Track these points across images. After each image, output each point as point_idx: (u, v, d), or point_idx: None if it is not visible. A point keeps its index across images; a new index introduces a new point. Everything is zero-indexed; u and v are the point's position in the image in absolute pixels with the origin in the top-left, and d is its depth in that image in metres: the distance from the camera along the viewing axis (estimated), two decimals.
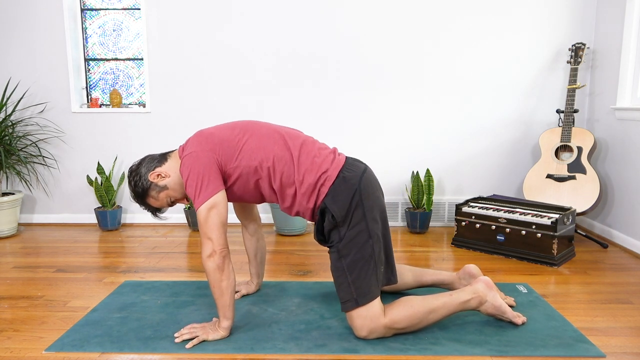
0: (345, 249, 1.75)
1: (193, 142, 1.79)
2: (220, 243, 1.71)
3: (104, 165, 3.55)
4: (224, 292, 1.74)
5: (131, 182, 1.86)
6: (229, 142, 1.78)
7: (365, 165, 1.86)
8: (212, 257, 1.70)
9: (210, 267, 1.71)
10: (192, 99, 3.46)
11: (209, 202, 1.70)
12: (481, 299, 1.83)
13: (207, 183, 1.71)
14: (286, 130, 1.87)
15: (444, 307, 1.78)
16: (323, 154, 1.82)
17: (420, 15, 3.32)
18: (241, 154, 1.77)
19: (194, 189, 1.71)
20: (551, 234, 2.60)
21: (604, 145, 3.20)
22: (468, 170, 3.49)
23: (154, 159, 1.87)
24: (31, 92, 3.47)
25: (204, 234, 1.71)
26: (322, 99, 3.43)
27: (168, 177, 1.84)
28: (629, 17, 2.95)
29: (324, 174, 1.77)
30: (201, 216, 1.70)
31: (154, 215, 1.96)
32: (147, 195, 1.86)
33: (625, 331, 1.86)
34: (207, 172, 1.72)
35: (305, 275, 2.49)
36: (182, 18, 3.37)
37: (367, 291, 1.73)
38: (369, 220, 1.76)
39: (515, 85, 3.39)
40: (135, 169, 1.86)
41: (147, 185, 1.84)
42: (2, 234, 3.23)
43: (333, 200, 1.75)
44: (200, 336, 1.76)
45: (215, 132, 1.81)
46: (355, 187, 1.76)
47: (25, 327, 1.92)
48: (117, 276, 2.49)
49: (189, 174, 1.72)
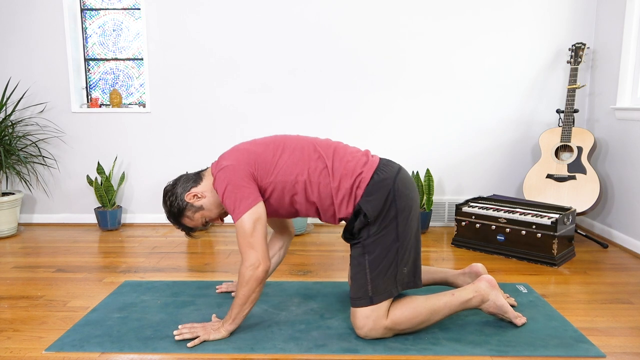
0: (371, 246, 1.74)
1: (228, 156, 1.78)
2: (266, 255, 1.69)
3: (104, 165, 3.55)
4: (248, 304, 1.74)
5: (167, 202, 1.85)
6: (264, 158, 1.78)
7: (399, 166, 1.86)
8: (257, 268, 1.68)
9: (250, 276, 1.68)
10: (192, 99, 3.46)
11: (253, 213, 1.69)
12: (483, 297, 1.83)
13: (248, 193, 1.70)
14: (317, 141, 1.86)
15: (445, 307, 1.78)
16: (356, 157, 1.82)
17: (419, 15, 3.32)
18: (276, 169, 1.77)
19: (233, 200, 1.69)
20: (551, 234, 2.60)
21: (604, 145, 3.20)
22: (468, 170, 3.50)
23: (189, 179, 1.86)
24: (31, 92, 3.47)
25: (248, 244, 1.68)
26: (323, 99, 3.43)
27: (204, 197, 1.84)
28: (629, 17, 2.95)
29: (358, 177, 1.77)
30: (246, 226, 1.68)
31: (188, 234, 1.94)
32: (182, 216, 1.86)
33: (625, 331, 1.86)
34: (246, 184, 1.72)
35: (305, 275, 2.49)
36: (182, 18, 3.37)
37: (382, 291, 1.73)
38: (400, 221, 1.75)
39: (515, 85, 3.39)
40: (171, 189, 1.85)
41: (184, 205, 1.83)
42: (2, 234, 3.23)
43: (367, 200, 1.75)
44: (202, 336, 1.76)
45: (250, 148, 1.80)
46: (390, 187, 1.76)
47: (25, 327, 1.92)
48: (117, 276, 2.49)
49: (226, 186, 1.71)
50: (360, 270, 1.76)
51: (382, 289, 1.73)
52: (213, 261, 2.73)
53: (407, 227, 1.77)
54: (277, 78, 3.41)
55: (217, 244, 3.08)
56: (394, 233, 1.75)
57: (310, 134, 3.46)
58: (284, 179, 1.77)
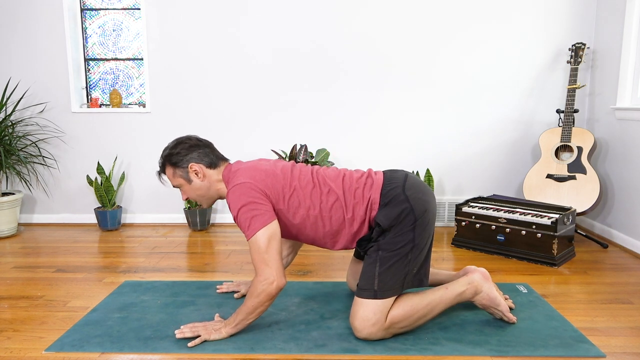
0: (386, 244, 1.76)
1: (246, 173, 1.78)
2: (282, 274, 1.70)
3: (103, 165, 3.55)
4: (254, 314, 1.74)
5: (173, 150, 1.86)
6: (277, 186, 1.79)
7: (405, 173, 1.87)
8: (272, 284, 1.68)
9: (262, 291, 1.68)
10: (193, 99, 3.46)
11: (268, 231, 1.69)
12: (476, 288, 1.84)
13: (263, 211, 1.71)
14: (326, 173, 1.87)
15: (441, 300, 1.80)
16: (361, 183, 1.83)
17: (419, 16, 3.32)
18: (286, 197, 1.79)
19: (248, 217, 1.69)
20: (551, 234, 2.60)
21: (604, 145, 3.20)
22: (468, 170, 3.50)
23: (208, 157, 1.88)
24: (31, 92, 3.47)
25: (263, 260, 1.68)
26: (323, 100, 3.43)
27: (200, 180, 1.86)
28: (629, 17, 2.95)
29: (369, 201, 1.79)
30: (261, 243, 1.68)
31: (159, 176, 1.98)
32: (172, 167, 1.88)
33: (625, 331, 1.86)
34: (261, 202, 1.73)
35: (305, 275, 2.49)
36: (182, 18, 3.37)
37: (389, 287, 1.73)
38: (418, 225, 1.76)
39: (515, 85, 3.39)
40: (188, 148, 1.86)
41: (182, 166, 1.86)
42: (2, 234, 3.23)
43: (382, 215, 1.77)
44: (203, 336, 1.76)
45: (268, 170, 1.81)
46: (402, 197, 1.77)
47: (25, 327, 1.92)
48: (117, 276, 2.49)
49: (242, 205, 1.71)
50: (371, 263, 1.77)
51: (389, 286, 1.73)
52: (213, 261, 2.73)
53: (424, 230, 1.78)
54: (278, 77, 3.41)
55: (217, 244, 3.08)
56: (410, 236, 1.75)
57: (310, 135, 3.46)
58: (294, 211, 1.79)
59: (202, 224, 3.40)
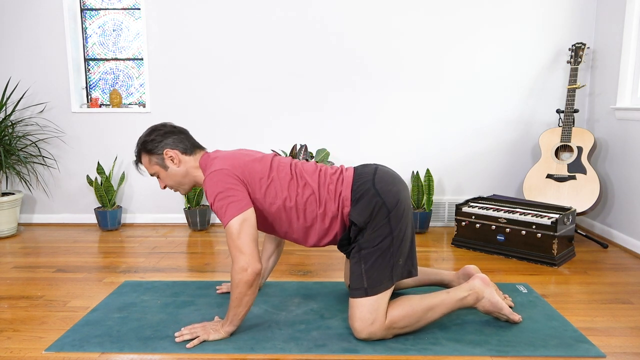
0: (366, 242, 1.76)
1: (224, 161, 1.78)
2: (256, 259, 1.68)
3: (104, 165, 3.55)
4: (243, 305, 1.74)
5: (148, 137, 1.86)
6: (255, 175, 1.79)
7: (375, 166, 1.87)
8: (246, 271, 1.67)
9: (239, 280, 1.68)
10: (193, 99, 3.46)
11: (241, 216, 1.69)
12: (478, 295, 1.83)
13: (239, 199, 1.71)
14: (304, 167, 1.88)
15: (441, 305, 1.79)
16: (334, 179, 1.84)
17: (418, 16, 3.32)
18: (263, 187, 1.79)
19: (223, 204, 1.69)
20: (551, 234, 2.60)
21: (604, 145, 3.20)
22: (468, 170, 3.50)
23: (183, 143, 1.87)
24: (31, 92, 3.47)
25: (236, 247, 1.68)
26: (322, 99, 3.43)
27: (176, 165, 1.86)
28: (629, 17, 2.95)
29: (340, 196, 1.80)
30: (234, 229, 1.68)
31: (136, 166, 1.97)
32: (148, 155, 1.87)
33: (625, 331, 1.86)
34: (238, 189, 1.72)
35: (305, 275, 2.49)
36: (182, 18, 3.37)
37: (378, 283, 1.73)
38: (392, 217, 1.76)
39: (515, 85, 3.39)
40: (163, 134, 1.86)
41: (157, 152, 1.85)
42: (2, 234, 3.23)
43: (356, 213, 1.77)
44: (201, 336, 1.76)
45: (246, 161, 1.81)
46: (372, 192, 1.77)
47: (25, 327, 1.92)
48: (117, 276, 2.49)
49: (218, 191, 1.71)
50: (355, 262, 1.77)
51: (377, 280, 1.74)
52: (213, 261, 2.73)
53: (399, 220, 1.78)
54: (277, 78, 3.41)
55: (217, 244, 3.08)
56: (387, 228, 1.76)
57: (310, 134, 3.46)
58: (271, 201, 1.79)
59: (202, 224, 3.40)
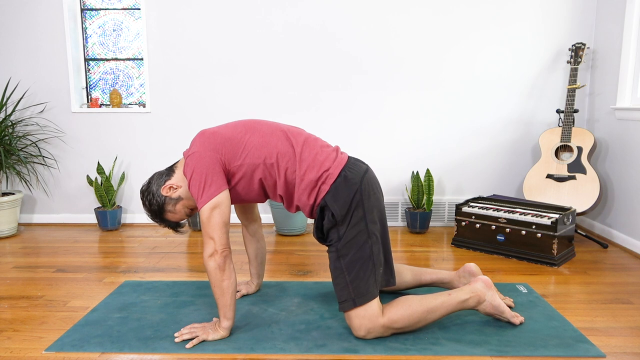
0: (344, 248, 1.75)
1: (196, 142, 1.78)
2: (222, 243, 1.71)
3: (104, 165, 3.55)
4: (225, 292, 1.74)
5: (145, 202, 1.85)
6: (232, 141, 1.78)
7: (367, 166, 1.87)
8: (214, 256, 1.70)
9: (211, 267, 1.71)
10: (192, 98, 3.46)
11: (212, 202, 1.70)
12: (479, 297, 1.83)
13: (211, 183, 1.71)
14: (288, 128, 1.87)
15: (442, 307, 1.78)
16: (325, 152, 1.82)
17: (418, 16, 3.32)
18: (244, 152, 1.77)
19: (197, 188, 1.71)
20: (551, 234, 2.60)
21: (604, 145, 3.20)
22: (468, 170, 3.50)
23: (162, 174, 1.87)
24: (31, 92, 3.47)
25: (206, 233, 1.71)
26: (324, 99, 3.43)
27: (180, 187, 1.83)
28: (629, 17, 2.95)
29: (325, 172, 1.78)
30: (204, 216, 1.70)
31: (175, 231, 1.94)
32: (164, 212, 1.85)
33: (625, 331, 1.86)
34: (211, 172, 1.72)
35: (305, 275, 2.49)
36: (182, 18, 3.37)
37: (365, 291, 1.73)
38: (369, 221, 1.76)
39: (515, 85, 3.39)
40: (147, 189, 1.85)
41: (162, 200, 1.83)
42: (2, 234, 3.23)
43: (334, 199, 1.75)
44: (200, 336, 1.76)
45: (218, 131, 1.80)
46: (357, 187, 1.76)
47: (25, 327, 1.92)
48: (117, 276, 2.49)
49: (192, 174, 1.72)
50: (339, 274, 1.76)
51: (364, 289, 1.73)
52: None
53: (376, 226, 1.78)
54: (277, 77, 3.41)
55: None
56: (365, 233, 1.75)
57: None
58: (252, 162, 1.77)
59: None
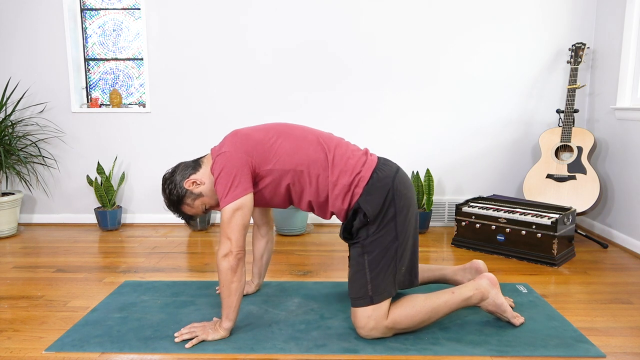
0: (370, 246, 1.75)
1: (228, 142, 1.78)
2: (239, 245, 1.71)
3: (104, 165, 3.55)
4: (232, 294, 1.74)
5: (166, 189, 1.85)
6: (264, 145, 1.78)
7: (397, 166, 1.86)
8: (228, 257, 1.70)
9: (223, 267, 1.71)
10: (193, 99, 3.46)
11: (236, 203, 1.70)
12: (483, 294, 1.83)
13: (237, 184, 1.71)
14: (320, 133, 1.87)
15: (445, 305, 1.78)
16: (356, 156, 1.83)
17: (419, 16, 3.32)
18: (275, 157, 1.77)
19: (223, 187, 1.71)
20: (551, 234, 2.60)
21: (604, 145, 3.20)
22: (468, 170, 3.50)
23: (188, 166, 1.86)
24: (31, 92, 3.47)
25: (225, 233, 1.71)
26: (324, 99, 3.43)
27: (203, 184, 1.83)
28: (629, 17, 2.95)
29: (357, 175, 1.78)
30: (226, 216, 1.70)
31: (187, 223, 1.96)
32: (182, 203, 1.85)
33: (625, 331, 1.86)
34: (239, 173, 1.72)
35: (305, 275, 2.49)
36: (182, 18, 3.37)
37: (382, 290, 1.73)
38: (399, 220, 1.76)
39: (515, 85, 3.39)
40: (170, 177, 1.85)
41: (183, 193, 1.83)
42: (2, 234, 3.23)
43: (366, 200, 1.75)
44: (200, 336, 1.76)
45: (250, 133, 1.80)
46: (389, 187, 1.76)
47: (25, 327, 1.92)
48: (117, 276, 2.49)
49: (220, 172, 1.72)
50: (359, 270, 1.76)
51: (382, 288, 1.73)
52: (213, 261, 2.73)
53: (405, 226, 1.77)
54: (277, 78, 3.41)
55: (217, 244, 3.08)
56: (393, 233, 1.75)
57: None
58: (282, 167, 1.77)
59: (202, 224, 3.40)
